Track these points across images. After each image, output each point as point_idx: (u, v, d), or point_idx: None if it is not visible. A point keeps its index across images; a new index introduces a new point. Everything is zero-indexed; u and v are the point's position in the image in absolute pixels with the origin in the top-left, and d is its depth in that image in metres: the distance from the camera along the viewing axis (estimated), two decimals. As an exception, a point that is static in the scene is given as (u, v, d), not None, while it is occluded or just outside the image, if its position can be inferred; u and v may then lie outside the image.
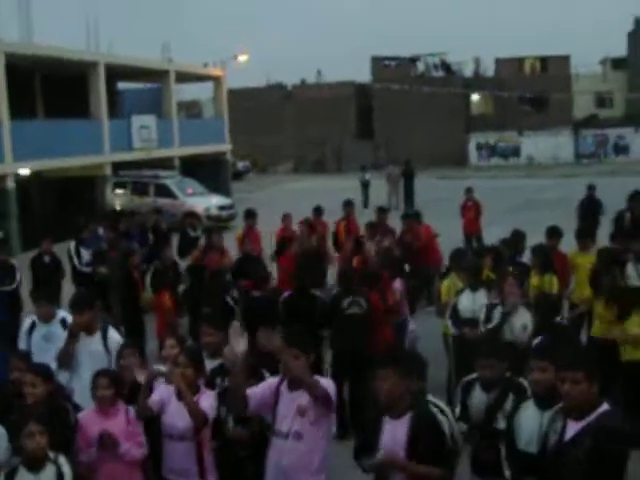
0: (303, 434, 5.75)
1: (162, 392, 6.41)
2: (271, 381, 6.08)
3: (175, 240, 16.55)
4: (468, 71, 55.46)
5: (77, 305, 7.84)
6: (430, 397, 5.69)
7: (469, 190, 19.99)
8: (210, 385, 6.66)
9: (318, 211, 16.37)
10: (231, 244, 14.74)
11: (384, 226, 14.70)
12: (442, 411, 5.54)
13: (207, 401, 6.28)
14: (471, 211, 19.44)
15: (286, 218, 15.84)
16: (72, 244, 15.02)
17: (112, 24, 51.02)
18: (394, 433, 5.31)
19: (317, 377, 5.94)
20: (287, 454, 5.78)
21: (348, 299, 9.64)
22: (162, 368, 6.48)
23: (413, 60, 55.83)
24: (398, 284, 10.74)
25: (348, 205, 16.68)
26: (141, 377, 6.64)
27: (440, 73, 55.47)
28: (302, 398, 5.76)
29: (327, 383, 5.91)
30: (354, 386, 9.49)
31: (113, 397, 6.36)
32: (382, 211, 15.82)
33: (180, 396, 6.24)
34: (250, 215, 15.43)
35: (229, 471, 6.50)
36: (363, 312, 9.58)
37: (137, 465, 6.34)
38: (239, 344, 5.85)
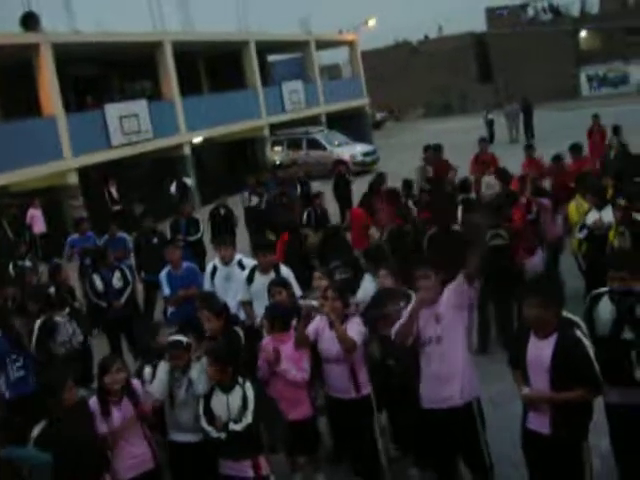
0: (443, 337, 5.46)
1: (317, 322, 6.29)
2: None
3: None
4: (574, 10, 52.25)
5: (259, 247, 8.31)
6: (566, 313, 5.18)
7: (595, 116, 18.73)
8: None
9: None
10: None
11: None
12: (578, 326, 5.10)
13: (355, 328, 6.09)
14: (597, 135, 18.23)
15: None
16: (245, 194, 15.48)
17: (257, 3, 50.47)
18: (539, 352, 4.92)
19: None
20: (433, 359, 5.50)
21: (490, 232, 9.01)
22: (315, 302, 6.33)
23: (523, 7, 52.99)
24: (545, 201, 10.41)
25: (483, 141, 16.58)
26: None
27: (548, 15, 52.39)
28: (436, 307, 5.49)
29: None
30: (500, 306, 9.20)
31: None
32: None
33: (331, 325, 6.08)
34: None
35: (379, 383, 6.30)
36: (505, 243, 9.05)
37: (301, 386, 6.26)
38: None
